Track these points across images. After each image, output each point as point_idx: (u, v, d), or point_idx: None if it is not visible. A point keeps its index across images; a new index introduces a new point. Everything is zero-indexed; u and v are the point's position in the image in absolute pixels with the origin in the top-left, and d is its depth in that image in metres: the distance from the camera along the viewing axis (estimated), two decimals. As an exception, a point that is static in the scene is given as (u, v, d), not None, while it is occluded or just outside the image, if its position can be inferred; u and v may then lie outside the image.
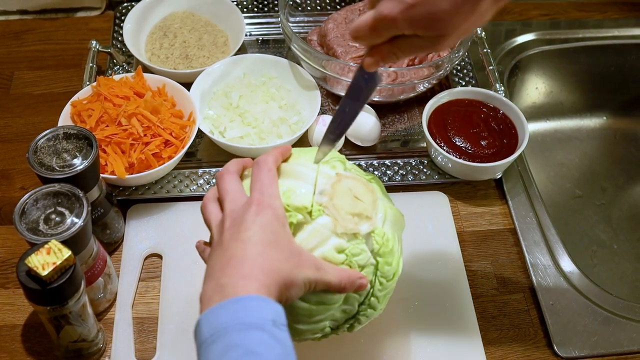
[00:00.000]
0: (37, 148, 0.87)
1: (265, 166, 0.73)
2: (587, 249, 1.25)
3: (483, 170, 1.04)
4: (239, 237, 0.67)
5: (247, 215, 0.68)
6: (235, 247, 0.67)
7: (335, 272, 0.71)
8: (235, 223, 0.69)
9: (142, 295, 0.95)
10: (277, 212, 0.70)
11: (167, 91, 1.07)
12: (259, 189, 0.71)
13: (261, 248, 0.66)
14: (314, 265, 0.70)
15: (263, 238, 0.67)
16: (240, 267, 0.65)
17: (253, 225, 0.68)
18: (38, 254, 0.74)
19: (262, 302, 0.63)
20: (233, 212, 0.70)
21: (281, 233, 0.69)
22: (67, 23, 1.29)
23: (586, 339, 0.92)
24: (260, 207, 0.69)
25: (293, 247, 0.70)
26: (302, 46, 1.08)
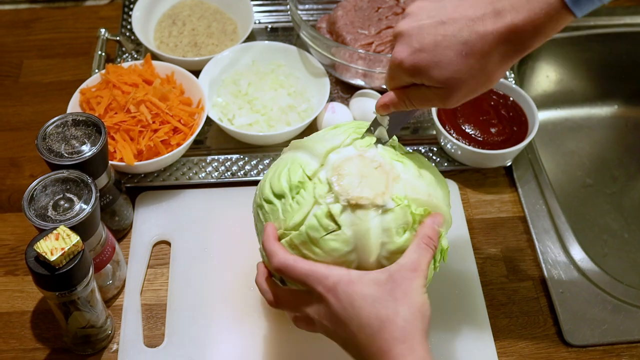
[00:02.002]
0: (46, 135, 0.87)
1: (290, 263, 0.71)
2: (598, 237, 1.24)
3: (493, 158, 1.03)
4: (353, 331, 0.67)
5: (333, 307, 0.68)
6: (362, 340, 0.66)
7: (418, 249, 0.70)
8: (334, 321, 0.69)
9: (151, 282, 0.95)
10: (345, 279, 0.68)
11: (176, 79, 1.07)
12: (312, 282, 0.69)
13: (375, 322, 0.66)
14: (409, 271, 0.69)
15: (366, 311, 0.66)
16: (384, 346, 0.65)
17: (346, 311, 0.67)
18: (47, 239, 0.74)
19: None
20: (320, 314, 0.70)
21: (366, 287, 0.68)
22: (76, 11, 1.29)
23: (596, 327, 0.92)
24: (331, 291, 0.68)
25: (384, 283, 0.68)
26: (311, 33, 1.08)
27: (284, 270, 0.71)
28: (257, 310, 0.91)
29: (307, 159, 0.76)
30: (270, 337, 0.89)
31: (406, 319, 0.66)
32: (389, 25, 1.14)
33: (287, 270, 0.71)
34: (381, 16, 1.16)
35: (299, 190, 0.74)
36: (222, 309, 0.91)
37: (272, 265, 0.72)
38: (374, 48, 1.11)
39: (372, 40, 1.12)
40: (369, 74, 1.08)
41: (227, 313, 0.91)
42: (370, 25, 1.14)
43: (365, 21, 1.15)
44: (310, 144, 0.78)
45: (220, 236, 0.98)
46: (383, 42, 1.12)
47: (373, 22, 1.15)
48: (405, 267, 0.69)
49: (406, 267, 0.69)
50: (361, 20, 1.15)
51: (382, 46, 1.12)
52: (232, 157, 1.05)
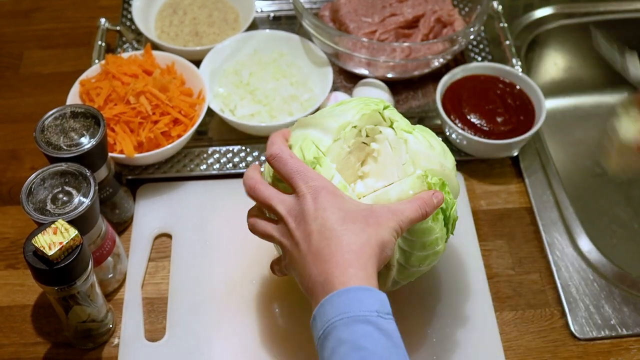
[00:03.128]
0: (45, 127, 0.86)
1: (285, 155, 0.71)
2: (607, 228, 1.22)
3: (499, 148, 1.02)
4: (312, 230, 0.67)
5: (306, 207, 0.68)
6: (315, 241, 0.66)
7: (410, 205, 0.70)
8: (299, 220, 0.68)
9: (152, 275, 0.94)
10: (329, 188, 0.69)
11: (177, 69, 1.05)
12: (297, 179, 0.70)
13: (339, 229, 0.66)
14: (390, 212, 0.69)
15: (334, 218, 0.67)
16: (331, 258, 0.65)
17: (317, 212, 0.67)
18: (45, 233, 0.73)
19: (365, 293, 0.63)
20: (289, 212, 0.69)
21: (345, 204, 0.68)
22: (76, 1, 1.28)
23: (604, 319, 0.90)
24: (313, 194, 0.68)
25: (363, 210, 0.69)
26: (313, 22, 1.06)
27: (277, 159, 0.71)
28: (258, 303, 0.90)
29: (319, 135, 0.76)
30: (271, 330, 0.88)
31: (368, 240, 0.66)
32: (392, 12, 1.12)
33: (281, 160, 0.71)
34: (385, 4, 1.14)
35: (314, 166, 0.73)
36: (224, 302, 0.90)
37: (269, 152, 0.72)
38: (378, 36, 1.10)
39: (376, 29, 1.10)
40: (373, 62, 1.06)
41: (228, 306, 0.90)
42: (373, 13, 1.12)
43: (369, 9, 1.13)
44: (320, 120, 0.78)
45: (221, 228, 0.97)
46: (387, 30, 1.10)
47: (377, 10, 1.13)
48: (389, 208, 0.70)
49: (390, 209, 0.69)
50: (364, 8, 1.13)
51: (386, 34, 1.10)
52: (233, 148, 1.04)
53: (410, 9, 1.13)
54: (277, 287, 0.91)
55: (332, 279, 0.64)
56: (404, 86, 1.14)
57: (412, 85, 1.14)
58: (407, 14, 1.12)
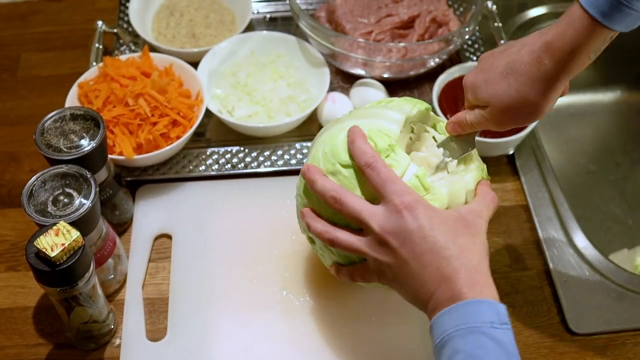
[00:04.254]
0: (44, 129, 0.87)
1: (378, 164, 0.71)
2: (602, 224, 1.24)
3: (495, 146, 1.03)
4: (423, 250, 0.67)
5: (407, 223, 0.68)
6: (431, 260, 0.67)
7: (484, 203, 0.72)
8: (402, 238, 0.68)
9: (152, 276, 0.95)
10: (422, 202, 0.69)
11: (174, 71, 1.06)
12: (393, 191, 0.69)
13: (454, 247, 0.67)
14: (477, 216, 0.71)
15: (445, 237, 0.68)
16: (457, 276, 0.66)
17: (423, 231, 0.67)
18: (47, 235, 0.73)
19: (482, 305, 0.65)
20: (384, 228, 0.69)
21: (445, 219, 0.69)
22: (73, 4, 1.28)
23: (600, 315, 0.91)
24: (409, 208, 0.68)
25: (460, 220, 0.70)
26: (310, 23, 1.07)
27: (372, 167, 0.71)
28: (260, 303, 0.91)
29: (386, 125, 0.76)
30: (273, 330, 0.89)
31: (481, 253, 0.68)
32: (388, 13, 1.13)
33: (375, 169, 0.70)
34: (381, 4, 1.15)
35: (388, 154, 0.73)
36: (224, 302, 0.91)
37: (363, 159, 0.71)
38: (374, 37, 1.10)
39: (372, 29, 1.11)
40: (369, 63, 1.07)
41: (229, 306, 0.91)
42: (369, 13, 1.13)
43: (365, 9, 1.14)
44: (380, 112, 0.78)
45: (221, 228, 0.98)
46: (383, 30, 1.11)
47: (373, 10, 1.14)
48: (474, 211, 0.71)
49: (475, 212, 0.71)
50: (360, 9, 1.14)
51: (382, 35, 1.11)
52: (232, 149, 1.04)
53: (405, 10, 1.14)
54: (277, 287, 0.92)
55: (457, 294, 0.65)
56: (401, 86, 1.14)
57: (408, 85, 1.15)
58: (402, 15, 1.13)
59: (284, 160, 1.03)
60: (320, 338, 0.88)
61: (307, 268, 0.93)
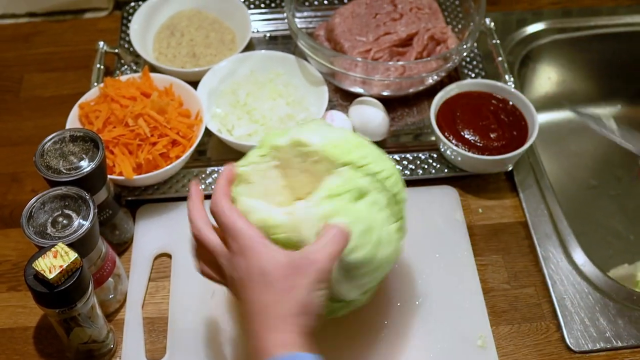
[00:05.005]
0: (44, 151, 0.87)
1: (218, 207, 0.75)
2: (603, 240, 1.23)
3: (493, 163, 1.03)
4: (243, 298, 0.71)
5: (235, 270, 0.71)
6: (245, 312, 0.71)
7: (318, 248, 0.69)
8: (239, 285, 0.71)
9: (152, 295, 0.95)
10: (256, 248, 0.70)
11: (174, 90, 1.07)
12: (229, 237, 0.72)
13: (257, 305, 0.69)
14: (309, 261, 0.68)
15: (254, 292, 0.70)
16: (260, 330, 0.68)
17: (242, 281, 0.70)
18: (45, 257, 0.74)
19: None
20: (231, 274, 0.72)
21: (266, 266, 0.69)
22: (75, 24, 1.30)
23: (599, 332, 0.91)
24: (241, 255, 0.70)
25: (282, 267, 0.69)
26: (308, 42, 1.08)
27: (216, 214, 0.75)
28: (258, 322, 0.91)
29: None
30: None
31: (290, 311, 0.68)
32: (386, 31, 1.14)
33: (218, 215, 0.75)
34: (379, 22, 1.16)
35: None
36: (224, 321, 0.91)
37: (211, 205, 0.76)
38: (372, 55, 1.11)
39: (370, 47, 1.12)
40: (368, 81, 1.08)
41: (228, 325, 0.91)
42: (368, 32, 1.14)
43: (363, 28, 1.15)
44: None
45: (220, 248, 0.98)
46: (381, 48, 1.12)
47: (371, 28, 1.15)
48: (307, 257, 0.69)
49: (308, 258, 0.69)
50: (359, 27, 1.15)
51: (380, 52, 1.12)
52: (231, 168, 1.05)
53: (403, 28, 1.14)
54: (275, 305, 0.92)
55: (261, 345, 0.67)
56: (399, 103, 1.15)
57: (407, 102, 1.16)
58: (400, 33, 1.14)
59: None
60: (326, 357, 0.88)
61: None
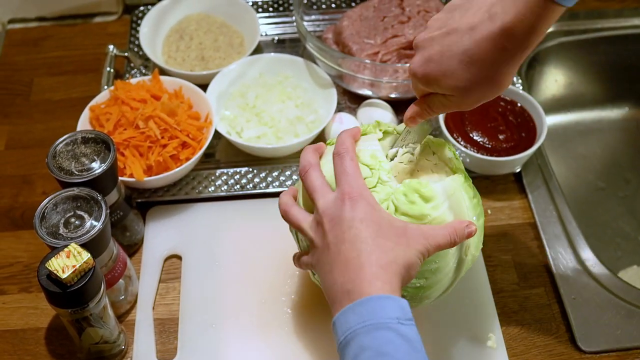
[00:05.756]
0: (56, 153, 0.88)
1: (347, 155, 0.74)
2: (611, 241, 1.23)
3: (501, 165, 1.03)
4: (345, 238, 0.69)
5: (344, 212, 0.70)
6: (346, 250, 0.68)
7: (442, 231, 0.72)
8: (335, 223, 0.70)
9: (163, 296, 0.96)
10: (369, 200, 0.71)
11: (184, 93, 1.07)
12: (346, 181, 0.72)
13: (371, 243, 0.68)
14: (422, 235, 0.71)
15: (368, 232, 0.69)
16: (360, 270, 0.67)
17: (354, 222, 0.69)
18: (58, 257, 0.75)
19: (386, 301, 0.65)
20: (327, 211, 0.71)
21: (381, 219, 0.70)
22: (85, 29, 1.30)
23: (609, 332, 0.91)
24: (353, 200, 0.70)
25: (397, 228, 0.70)
26: (317, 45, 1.08)
27: (340, 156, 0.74)
28: (269, 324, 0.91)
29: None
30: (282, 350, 0.89)
31: (396, 259, 0.68)
32: (394, 34, 1.14)
33: (342, 159, 0.73)
34: (387, 25, 1.16)
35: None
36: (234, 322, 0.92)
37: (337, 148, 0.75)
38: (381, 57, 1.12)
39: (379, 50, 1.12)
40: (376, 83, 1.08)
41: (239, 327, 0.91)
42: (376, 34, 1.15)
43: (371, 30, 1.15)
44: None
45: (230, 249, 0.99)
46: (389, 51, 1.12)
47: (379, 31, 1.15)
48: (422, 229, 0.71)
49: (421, 230, 0.71)
50: (367, 30, 1.15)
51: (389, 55, 1.12)
52: (241, 170, 1.06)
53: (411, 30, 1.15)
54: (287, 307, 0.93)
55: (357, 289, 0.66)
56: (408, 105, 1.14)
57: (415, 104, 1.16)
58: (408, 35, 1.14)
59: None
60: (330, 359, 0.88)
61: (315, 288, 0.94)
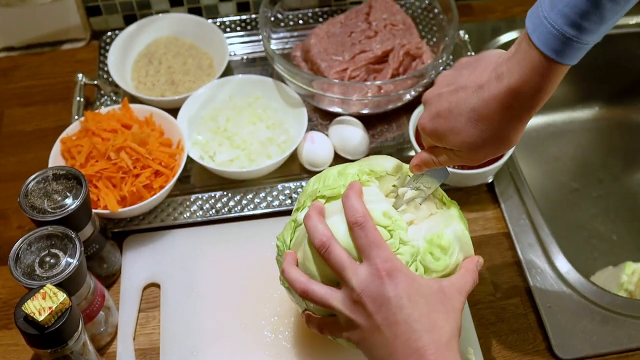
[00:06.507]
0: (28, 191, 0.88)
1: (368, 224, 0.72)
2: (587, 243, 1.25)
3: (473, 177, 1.04)
4: (398, 320, 0.69)
5: (387, 290, 0.69)
6: (403, 332, 0.68)
7: (467, 277, 0.75)
8: (379, 303, 0.69)
9: (143, 326, 0.96)
10: (405, 272, 0.71)
11: (155, 120, 1.07)
12: (377, 255, 0.71)
13: (426, 323, 0.68)
14: (457, 291, 0.72)
15: (420, 310, 0.69)
16: (424, 354, 0.67)
17: (401, 300, 0.69)
18: (34, 299, 0.75)
19: None
20: (365, 290, 0.70)
21: (422, 289, 0.70)
22: (53, 57, 1.30)
23: (585, 339, 0.92)
24: (391, 276, 0.70)
25: (437, 293, 0.71)
26: (285, 66, 1.09)
27: (362, 227, 0.72)
28: (249, 348, 0.92)
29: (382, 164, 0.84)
30: (264, 372, 0.90)
31: (452, 331, 0.70)
32: (362, 49, 1.15)
33: (364, 229, 0.72)
34: (354, 41, 1.17)
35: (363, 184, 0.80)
36: (216, 349, 0.92)
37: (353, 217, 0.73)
38: (349, 74, 1.12)
39: (347, 66, 1.13)
40: (346, 101, 1.09)
41: (220, 353, 0.92)
42: (344, 51, 1.15)
43: (339, 47, 1.16)
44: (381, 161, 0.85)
45: (208, 275, 0.99)
46: (357, 67, 1.13)
47: (347, 47, 1.16)
48: (455, 286, 0.73)
49: (455, 287, 0.73)
50: (334, 47, 1.16)
51: (357, 71, 1.13)
52: (215, 194, 1.06)
53: (379, 45, 1.16)
54: (267, 330, 0.93)
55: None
56: (379, 120, 1.16)
57: (386, 118, 1.17)
58: (376, 50, 1.15)
59: (267, 202, 1.05)
60: None
61: (295, 311, 0.94)
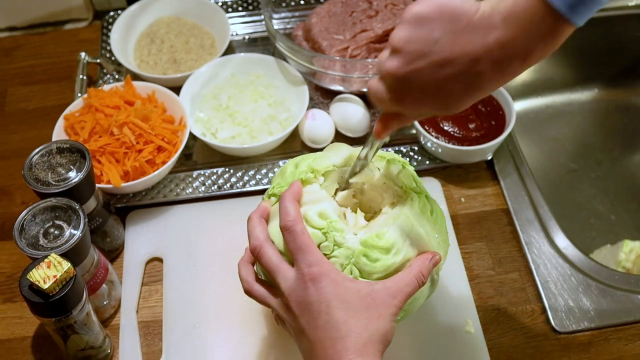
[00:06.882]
0: (32, 164, 0.89)
1: (296, 228, 0.72)
2: (585, 222, 1.26)
3: (473, 153, 1.05)
4: (317, 325, 0.69)
5: (309, 295, 0.70)
6: (320, 338, 0.69)
7: (407, 278, 0.72)
8: (303, 308, 0.70)
9: (146, 299, 0.97)
10: (331, 276, 0.70)
11: (157, 97, 1.08)
12: (303, 260, 0.71)
13: (344, 329, 0.68)
14: (389, 295, 0.71)
15: (339, 315, 0.69)
16: (343, 353, 0.67)
17: (321, 305, 0.69)
18: (39, 268, 0.76)
19: None
20: (292, 294, 0.71)
21: (347, 293, 0.70)
22: (56, 36, 1.31)
23: (583, 312, 0.94)
24: (314, 281, 0.70)
25: (364, 298, 0.70)
26: (287, 44, 1.09)
27: (289, 232, 0.72)
28: (252, 321, 0.93)
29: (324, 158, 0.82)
30: (266, 347, 0.91)
31: (371, 338, 0.69)
32: (363, 28, 1.16)
33: (292, 234, 0.72)
34: (355, 20, 1.17)
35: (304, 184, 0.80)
36: (218, 322, 0.93)
37: (283, 221, 0.73)
38: (350, 52, 1.13)
39: (348, 45, 1.14)
40: (347, 79, 1.10)
41: (222, 325, 0.93)
42: (345, 30, 1.16)
43: (340, 26, 1.17)
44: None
45: (210, 249, 1.00)
46: (358, 45, 1.14)
47: (347, 26, 1.17)
48: (388, 289, 0.71)
49: (389, 290, 0.71)
50: (336, 26, 1.17)
51: (358, 50, 1.14)
52: (217, 170, 1.07)
53: (379, 24, 1.16)
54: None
55: None
56: (379, 98, 1.17)
57: (386, 97, 1.17)
58: (377, 29, 1.16)
59: (268, 179, 1.06)
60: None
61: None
